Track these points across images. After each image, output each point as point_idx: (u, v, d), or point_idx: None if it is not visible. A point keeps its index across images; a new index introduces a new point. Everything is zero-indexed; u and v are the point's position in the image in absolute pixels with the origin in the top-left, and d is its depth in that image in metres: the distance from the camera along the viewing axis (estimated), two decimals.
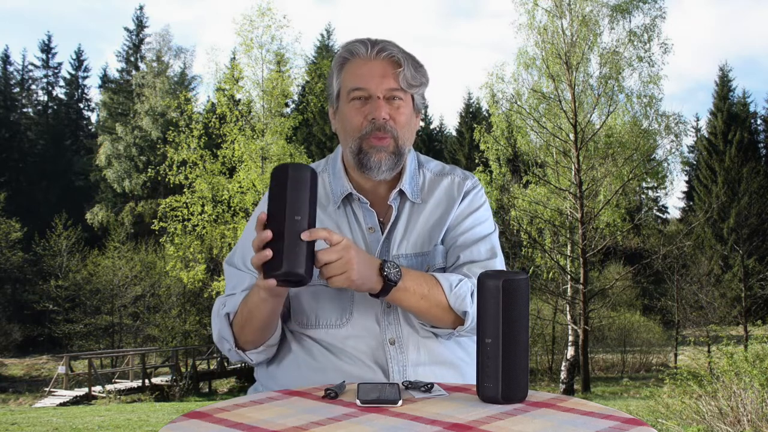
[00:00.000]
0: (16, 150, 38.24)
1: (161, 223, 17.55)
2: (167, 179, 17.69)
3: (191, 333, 25.41)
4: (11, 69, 40.82)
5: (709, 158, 34.35)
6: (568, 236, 18.26)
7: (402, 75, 1.47)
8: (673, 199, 55.66)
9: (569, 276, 17.78)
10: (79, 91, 42.92)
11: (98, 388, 17.36)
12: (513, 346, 1.13)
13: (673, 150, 18.46)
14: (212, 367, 21.86)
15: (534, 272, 18.14)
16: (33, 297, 26.69)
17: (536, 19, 17.92)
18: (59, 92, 42.65)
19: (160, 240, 18.74)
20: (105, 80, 40.34)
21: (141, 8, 43.77)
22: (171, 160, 17.49)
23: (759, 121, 38.10)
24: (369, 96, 1.47)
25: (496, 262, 1.50)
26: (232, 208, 17.19)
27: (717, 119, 35.36)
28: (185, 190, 17.36)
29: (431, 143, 41.22)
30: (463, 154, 36.19)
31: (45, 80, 42.04)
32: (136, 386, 18.52)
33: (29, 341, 27.54)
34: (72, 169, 38.59)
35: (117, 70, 40.53)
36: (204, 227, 17.19)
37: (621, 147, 17.76)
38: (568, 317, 18.05)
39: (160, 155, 21.96)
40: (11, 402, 17.52)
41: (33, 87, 42.06)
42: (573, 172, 17.47)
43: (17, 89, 41.20)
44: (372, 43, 1.49)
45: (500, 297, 1.12)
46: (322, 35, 41.01)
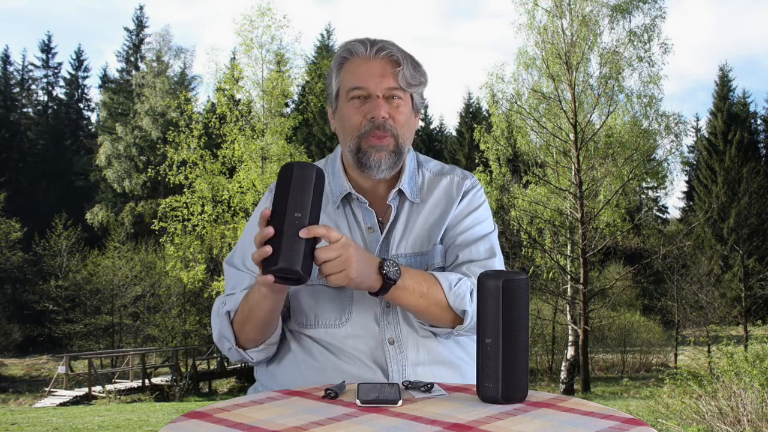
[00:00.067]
0: (16, 150, 38.24)
1: (161, 223, 17.55)
2: (167, 179, 17.69)
3: (191, 333, 25.41)
4: (11, 69, 40.89)
5: (709, 158, 34.34)
6: (568, 236, 18.25)
7: (401, 74, 1.47)
8: (673, 199, 55.71)
9: (569, 276, 17.77)
10: (79, 91, 42.94)
11: (98, 388, 17.36)
12: (513, 346, 1.13)
13: (673, 150, 18.48)
14: (212, 367, 21.86)
15: (534, 272, 18.12)
16: (33, 297, 26.70)
17: (536, 19, 17.93)
18: (59, 92, 42.75)
19: (160, 240, 18.74)
20: (105, 80, 40.35)
21: (141, 8, 43.84)
22: (171, 160, 17.49)
23: (759, 121, 38.10)
24: (368, 95, 1.47)
25: (495, 262, 1.50)
26: (232, 208, 17.19)
27: (717, 119, 35.35)
28: (185, 190, 17.36)
29: (431, 143, 41.22)
30: (463, 154, 36.18)
31: (45, 80, 42.10)
32: (136, 386, 18.52)
33: (29, 341, 27.54)
34: (72, 169, 38.60)
35: (117, 70, 40.62)
36: (204, 227, 17.19)
37: (621, 147, 17.76)
38: (568, 317, 18.05)
39: (160, 155, 21.97)
40: (11, 402, 17.52)
41: (33, 87, 42.12)
42: (573, 172, 17.47)
43: (17, 89, 41.21)
44: (371, 43, 1.49)
45: (500, 297, 1.12)
46: (322, 35, 41.05)
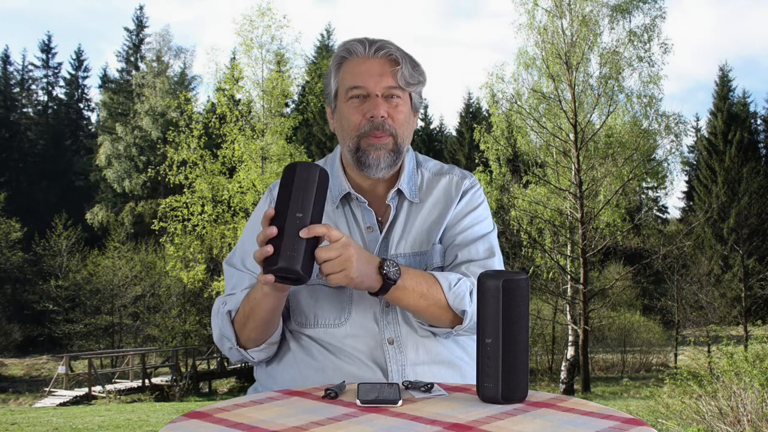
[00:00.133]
0: (16, 150, 38.25)
1: (161, 223, 17.55)
2: (167, 179, 17.69)
3: (191, 333, 25.42)
4: (11, 69, 40.89)
5: (709, 158, 34.34)
6: (568, 236, 18.25)
7: (400, 73, 1.47)
8: (673, 199, 55.69)
9: (569, 276, 17.77)
10: (79, 91, 42.95)
11: (98, 388, 17.36)
12: (513, 346, 1.12)
13: (673, 150, 18.48)
14: (212, 367, 21.86)
15: (534, 272, 18.12)
16: (33, 297, 26.70)
17: (536, 19, 17.92)
18: (59, 92, 42.75)
19: (160, 240, 18.74)
20: (105, 80, 40.36)
21: (141, 8, 43.85)
22: (171, 160, 17.49)
23: (759, 121, 38.10)
24: (367, 94, 1.47)
25: (495, 262, 1.50)
26: (232, 208, 17.19)
27: (717, 119, 35.35)
28: (185, 190, 17.36)
29: (431, 143, 41.22)
30: (463, 154, 36.18)
31: (45, 80, 42.11)
32: (136, 386, 18.52)
33: (29, 341, 27.55)
34: (72, 169, 38.60)
35: (117, 70, 40.62)
36: (204, 227, 17.19)
37: (621, 147, 17.76)
38: (568, 317, 18.05)
39: (160, 155, 21.96)
40: (11, 402, 17.52)
41: (33, 87, 42.13)
42: (573, 172, 17.47)
43: (17, 89, 41.21)
44: (370, 42, 1.49)
45: (500, 297, 1.12)
46: (322, 35, 41.04)
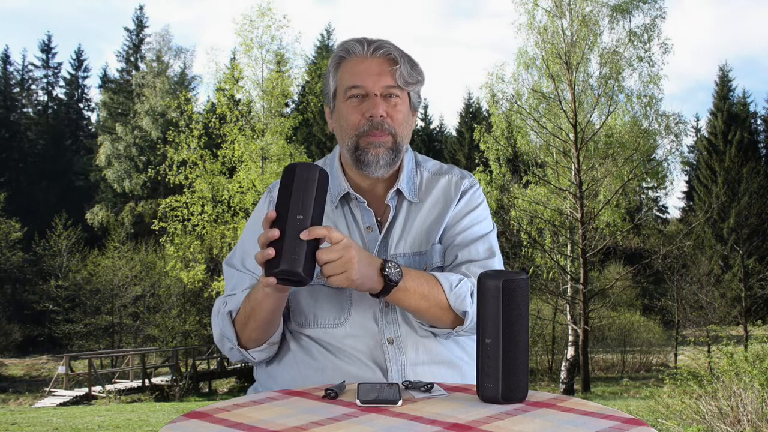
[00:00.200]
0: (16, 150, 38.25)
1: (161, 223, 17.55)
2: (167, 179, 17.69)
3: (191, 333, 25.41)
4: (11, 69, 40.89)
5: (709, 158, 34.33)
6: (568, 236, 18.25)
7: (399, 72, 1.47)
8: (673, 199, 55.69)
9: (569, 276, 17.77)
10: (79, 91, 42.95)
11: (98, 388, 17.36)
12: (513, 346, 1.12)
13: (673, 150, 18.47)
14: (212, 367, 21.86)
15: (534, 272, 18.12)
16: (33, 297, 26.70)
17: (536, 19, 17.92)
18: (59, 92, 42.76)
19: (160, 240, 18.75)
20: (105, 80, 40.36)
21: (141, 8, 43.84)
22: (171, 160, 17.49)
23: (759, 121, 38.10)
24: (366, 94, 1.47)
25: (495, 262, 1.50)
26: (232, 208, 17.19)
27: (717, 119, 35.35)
28: (185, 190, 17.36)
29: (431, 143, 41.21)
30: (463, 154, 36.18)
31: (45, 80, 42.10)
32: (136, 386, 18.51)
33: (29, 341, 27.54)
34: (72, 169, 38.60)
35: (117, 70, 40.62)
36: (204, 227, 17.19)
37: (621, 147, 17.76)
38: (568, 317, 18.05)
39: (160, 155, 21.96)
40: (11, 402, 17.52)
41: (33, 87, 42.12)
42: (573, 172, 17.47)
43: (17, 89, 41.21)
44: (368, 42, 1.49)
45: (500, 297, 1.12)
46: (322, 35, 41.03)
